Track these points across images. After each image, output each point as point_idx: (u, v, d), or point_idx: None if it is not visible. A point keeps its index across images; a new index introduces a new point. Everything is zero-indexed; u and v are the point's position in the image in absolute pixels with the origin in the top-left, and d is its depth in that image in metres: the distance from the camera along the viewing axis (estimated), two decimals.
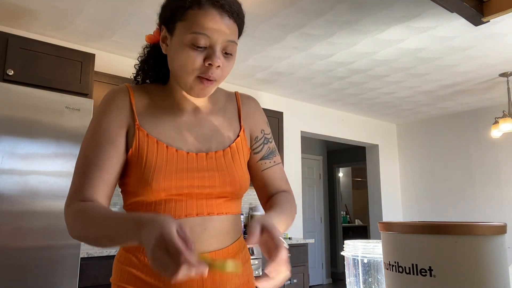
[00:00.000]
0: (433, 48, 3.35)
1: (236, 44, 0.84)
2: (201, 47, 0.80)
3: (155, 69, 0.95)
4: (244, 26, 0.90)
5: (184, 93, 0.90)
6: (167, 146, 0.86)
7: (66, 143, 2.37)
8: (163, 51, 0.88)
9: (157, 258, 0.61)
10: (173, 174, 0.84)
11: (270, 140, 1.02)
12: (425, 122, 5.72)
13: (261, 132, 1.01)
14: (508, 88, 3.97)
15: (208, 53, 0.80)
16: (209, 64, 0.80)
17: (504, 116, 3.96)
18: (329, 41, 3.22)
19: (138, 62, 0.96)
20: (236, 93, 1.03)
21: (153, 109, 0.90)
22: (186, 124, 0.91)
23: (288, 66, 3.78)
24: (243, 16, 0.87)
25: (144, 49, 0.95)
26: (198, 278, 0.64)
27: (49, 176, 2.29)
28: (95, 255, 2.50)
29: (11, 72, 2.42)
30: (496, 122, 4.06)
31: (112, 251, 2.57)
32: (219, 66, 0.81)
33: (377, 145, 5.73)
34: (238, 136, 0.95)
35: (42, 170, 2.27)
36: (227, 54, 0.83)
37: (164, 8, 0.86)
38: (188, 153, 0.87)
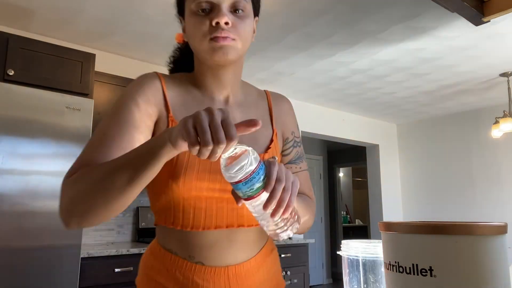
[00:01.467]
0: (433, 48, 3.34)
1: (247, 1, 0.82)
2: (205, 10, 0.79)
3: (183, 59, 0.97)
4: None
5: (214, 78, 0.87)
6: None
7: (67, 143, 2.37)
8: (184, 39, 0.89)
9: (184, 121, 0.58)
10: (206, 170, 0.79)
11: (299, 144, 0.98)
12: (426, 122, 5.72)
13: (292, 134, 0.97)
14: (509, 88, 3.97)
15: (214, 13, 0.79)
16: (216, 22, 0.77)
17: (504, 116, 3.96)
18: (329, 41, 3.22)
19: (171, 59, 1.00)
20: (266, 92, 1.00)
21: (185, 99, 0.87)
22: None
23: (288, 66, 3.78)
24: None
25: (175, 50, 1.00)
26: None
27: (50, 176, 2.29)
28: (96, 255, 2.50)
29: (11, 72, 2.42)
30: (496, 122, 4.06)
31: (112, 251, 2.57)
32: (227, 23, 0.78)
33: (377, 145, 5.73)
34: (271, 141, 0.92)
35: (43, 170, 2.27)
36: (237, 11, 0.80)
37: None
38: None
